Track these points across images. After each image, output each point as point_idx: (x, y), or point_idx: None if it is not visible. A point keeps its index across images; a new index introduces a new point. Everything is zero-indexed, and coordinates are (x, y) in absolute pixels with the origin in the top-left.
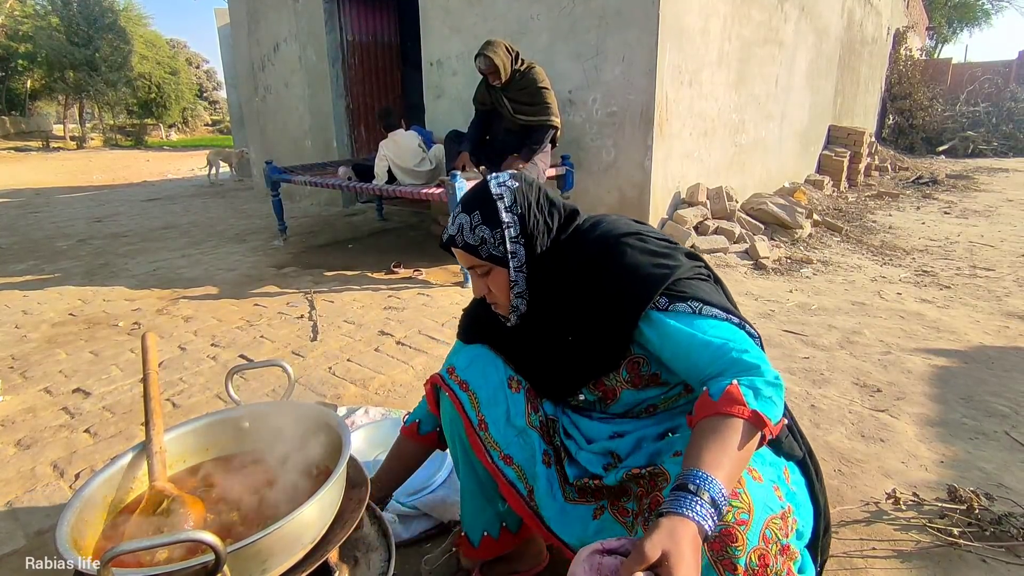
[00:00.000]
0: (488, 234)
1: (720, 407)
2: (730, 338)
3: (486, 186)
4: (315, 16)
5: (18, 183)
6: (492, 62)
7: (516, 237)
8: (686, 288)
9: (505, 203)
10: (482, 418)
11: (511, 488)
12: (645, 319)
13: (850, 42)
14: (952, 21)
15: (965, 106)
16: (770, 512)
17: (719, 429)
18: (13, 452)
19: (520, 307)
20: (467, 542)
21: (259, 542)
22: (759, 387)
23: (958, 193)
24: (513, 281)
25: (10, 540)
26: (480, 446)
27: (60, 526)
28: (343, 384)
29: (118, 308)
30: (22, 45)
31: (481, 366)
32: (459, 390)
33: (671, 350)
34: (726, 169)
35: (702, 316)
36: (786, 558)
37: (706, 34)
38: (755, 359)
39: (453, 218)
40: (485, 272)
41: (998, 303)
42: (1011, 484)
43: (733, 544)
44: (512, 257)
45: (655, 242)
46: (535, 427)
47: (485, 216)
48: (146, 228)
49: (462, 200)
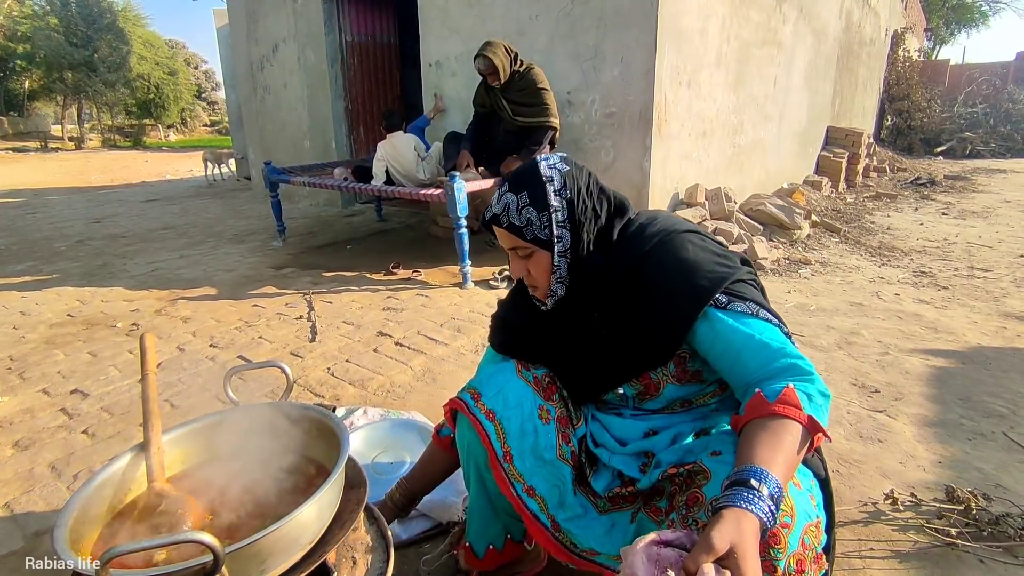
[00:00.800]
0: (535, 216)
1: (775, 408)
2: (785, 344)
3: (536, 167)
4: (314, 17)
5: (16, 184)
6: (491, 63)
7: (563, 222)
8: (744, 290)
9: (555, 186)
10: (507, 449)
11: (535, 521)
12: (703, 315)
13: (848, 43)
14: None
15: (963, 107)
16: (808, 519)
17: (774, 429)
18: (11, 453)
19: (559, 292)
20: (471, 552)
21: (257, 543)
22: (812, 393)
23: (956, 194)
24: (556, 266)
25: (8, 541)
26: (504, 478)
27: (58, 527)
28: (342, 385)
29: (116, 309)
30: (20, 45)
31: (510, 395)
32: (486, 420)
33: (723, 348)
34: (725, 170)
35: (758, 318)
36: (818, 567)
37: (704, 35)
38: (809, 367)
39: (499, 196)
40: (527, 254)
41: (996, 304)
42: (1009, 484)
43: (776, 546)
44: (558, 242)
45: (713, 243)
46: (566, 459)
47: (533, 198)
48: (144, 229)
49: (509, 179)
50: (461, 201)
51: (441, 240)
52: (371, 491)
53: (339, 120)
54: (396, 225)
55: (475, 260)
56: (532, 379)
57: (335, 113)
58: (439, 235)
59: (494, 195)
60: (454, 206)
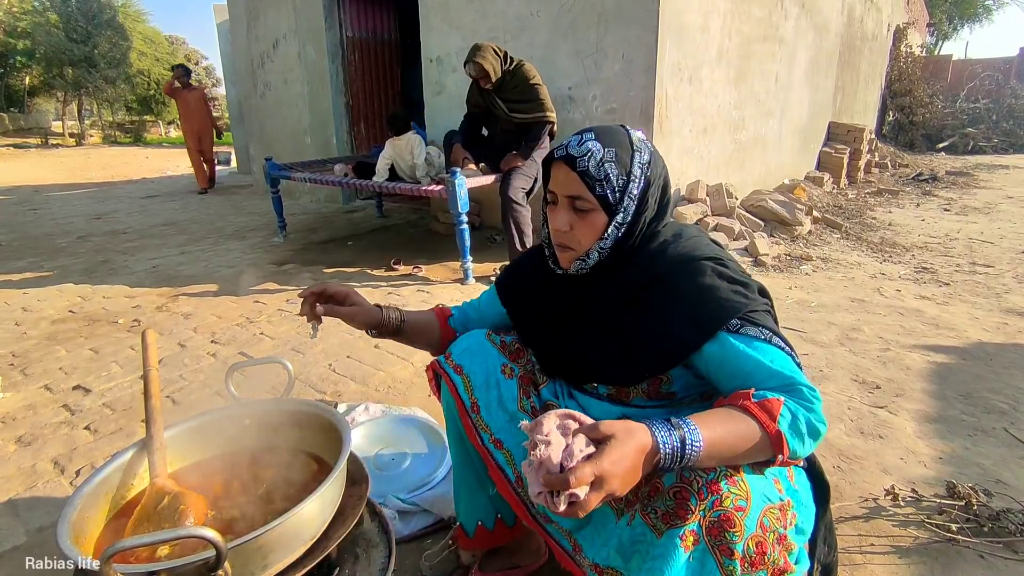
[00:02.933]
0: (615, 175)
1: (749, 405)
2: (796, 373)
3: (628, 131)
4: (314, 13)
5: (17, 180)
6: (482, 67)
7: (635, 195)
8: (758, 316)
9: (642, 158)
10: (475, 401)
11: (500, 472)
12: (714, 340)
13: (850, 39)
14: (953, 17)
15: (965, 103)
16: (768, 501)
17: (734, 416)
18: (14, 449)
19: (590, 261)
20: (463, 532)
21: (260, 538)
22: (800, 419)
23: (958, 190)
24: (606, 235)
25: (11, 536)
26: (472, 428)
27: (61, 523)
28: (343, 381)
29: (118, 305)
30: (20, 42)
31: (476, 352)
32: (454, 373)
33: (731, 371)
34: (726, 166)
35: (771, 344)
36: (783, 547)
37: (706, 31)
38: (814, 396)
39: (580, 139)
40: (586, 209)
41: (997, 300)
42: (1009, 480)
43: (731, 529)
44: (623, 212)
45: (735, 271)
46: (527, 412)
47: (619, 157)
48: (145, 225)
49: (598, 129)
50: (462, 197)
51: (442, 236)
52: (373, 487)
53: (339, 116)
54: (397, 221)
55: (476, 256)
56: (499, 343)
57: (335, 109)
58: (440, 231)
59: (570, 137)
60: (455, 202)
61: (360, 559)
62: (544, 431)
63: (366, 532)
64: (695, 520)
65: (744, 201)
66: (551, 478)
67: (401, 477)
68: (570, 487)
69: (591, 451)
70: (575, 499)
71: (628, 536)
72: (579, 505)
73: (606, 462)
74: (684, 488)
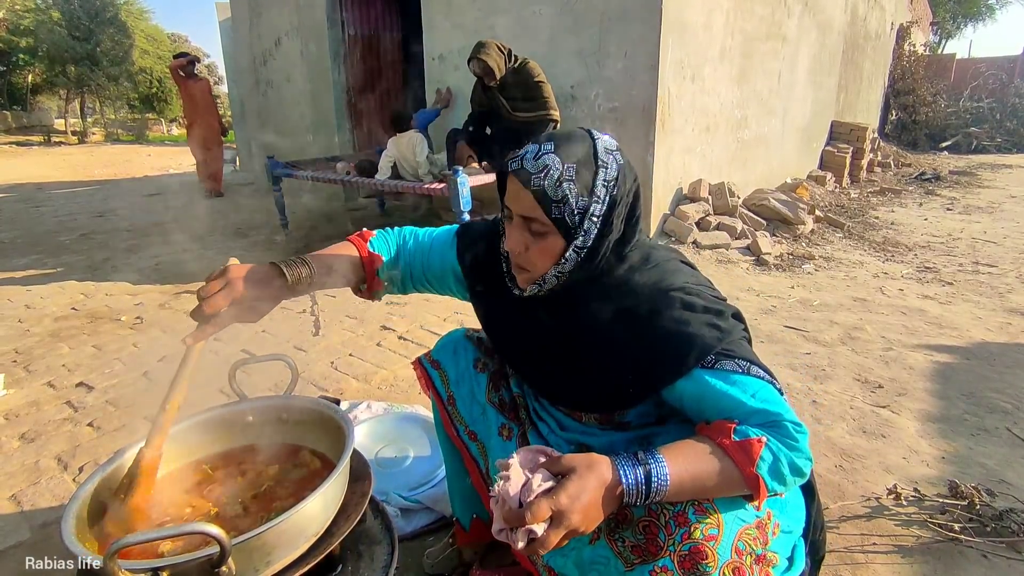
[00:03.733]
0: (574, 196)
1: (730, 448)
2: (782, 409)
3: (594, 142)
4: (317, 10)
5: (20, 177)
6: (486, 64)
7: (598, 218)
8: (735, 348)
9: (607, 175)
10: (451, 394)
11: (473, 463)
12: (687, 377)
13: (853, 37)
14: (956, 16)
15: (969, 102)
16: (742, 523)
17: (710, 458)
18: (17, 445)
19: (546, 286)
20: (459, 526)
21: (263, 535)
22: (782, 460)
23: (961, 189)
24: (564, 260)
25: (16, 532)
26: (448, 420)
27: (65, 520)
28: (345, 379)
29: (120, 302)
30: (23, 39)
31: (453, 348)
32: (431, 368)
33: (710, 409)
34: (728, 165)
35: (749, 375)
36: (762, 566)
37: (709, 29)
38: (799, 434)
39: (537, 151)
40: (540, 232)
41: (1000, 299)
42: (1012, 480)
43: (703, 561)
44: (583, 236)
45: (707, 296)
46: (494, 403)
47: (580, 174)
48: (148, 223)
49: (559, 139)
50: (464, 196)
51: None
52: (375, 484)
53: (341, 114)
54: (399, 220)
55: None
56: (476, 339)
57: (338, 107)
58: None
59: (528, 145)
60: (457, 201)
61: (363, 556)
62: (508, 465)
63: (369, 529)
64: (666, 555)
65: (746, 200)
66: (509, 514)
67: (403, 475)
68: (526, 523)
69: (549, 486)
70: (533, 535)
71: (589, 555)
72: (538, 542)
73: (563, 497)
74: (652, 522)
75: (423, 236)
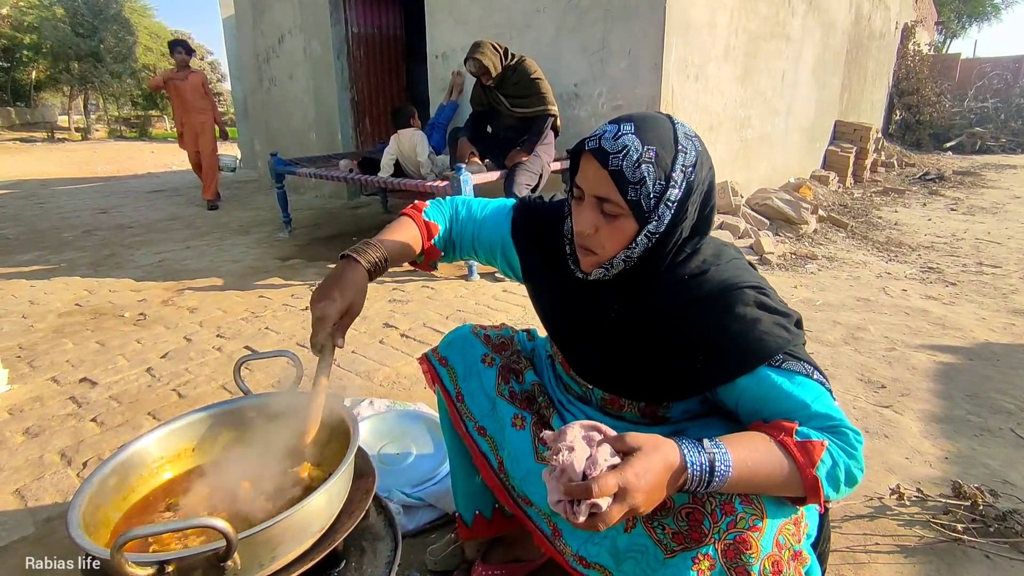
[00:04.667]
0: (652, 179)
1: (791, 447)
2: (840, 415)
3: (674, 126)
4: (320, 8)
5: (23, 174)
6: (481, 63)
7: (674, 203)
8: (800, 352)
9: (686, 160)
10: (459, 389)
11: (483, 459)
12: (751, 374)
13: (858, 37)
14: (961, 16)
15: (973, 102)
16: (783, 518)
17: (772, 453)
18: (21, 440)
19: (613, 270)
20: (462, 522)
21: (269, 529)
22: (840, 465)
23: (965, 190)
24: (634, 244)
25: (20, 527)
26: (457, 416)
27: (71, 513)
28: (348, 376)
29: (124, 299)
30: (27, 36)
31: (460, 345)
32: (439, 365)
33: (773, 406)
34: (731, 164)
35: (812, 379)
36: (798, 563)
37: (713, 28)
38: (858, 441)
39: (617, 132)
40: (614, 214)
41: (1004, 300)
42: (1016, 481)
43: (747, 551)
44: (656, 220)
45: (776, 300)
46: (504, 396)
47: (659, 158)
48: (151, 219)
49: (639, 121)
50: (467, 193)
51: None
52: (378, 481)
53: (345, 112)
54: None
55: None
56: (483, 336)
57: (341, 105)
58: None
59: (606, 124)
60: None
61: (366, 552)
62: (568, 439)
63: (372, 526)
64: (710, 543)
65: (750, 199)
66: (573, 487)
67: (406, 472)
68: (592, 496)
69: (616, 461)
70: (596, 510)
71: (625, 543)
72: (600, 517)
73: (631, 473)
74: (696, 509)
75: (476, 206)
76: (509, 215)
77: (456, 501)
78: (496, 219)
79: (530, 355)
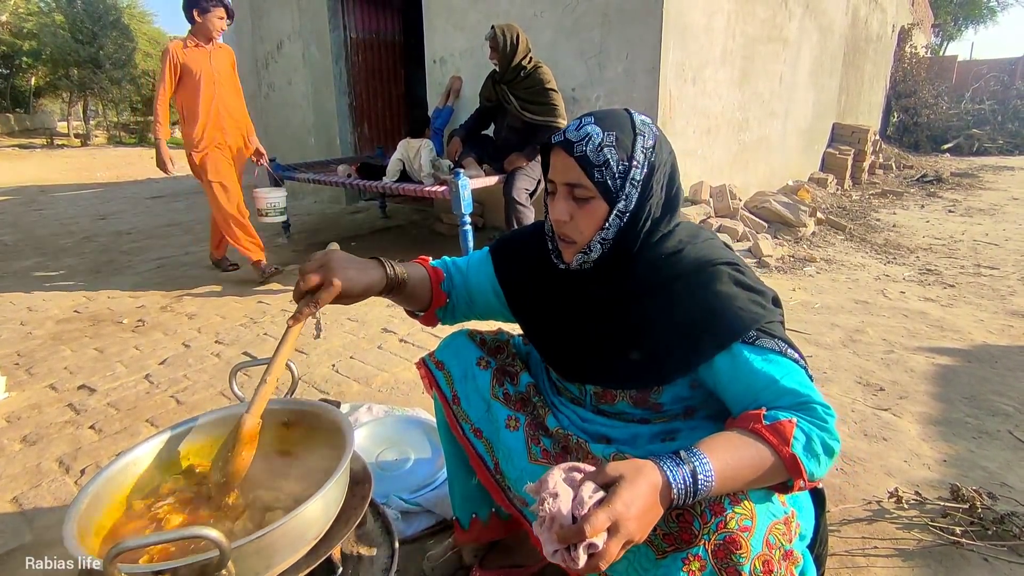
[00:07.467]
0: (614, 160)
1: (760, 428)
2: (811, 391)
3: (630, 114)
4: (319, 13)
5: (22, 180)
6: (495, 36)
7: (638, 181)
8: (774, 329)
9: (645, 143)
10: (455, 393)
11: (479, 460)
12: (726, 351)
13: (855, 39)
14: (958, 18)
15: (970, 104)
16: (773, 518)
17: (747, 445)
18: (19, 448)
19: (592, 254)
20: (458, 526)
21: (263, 538)
22: (814, 439)
23: (963, 191)
24: (607, 224)
25: (17, 535)
26: (454, 419)
27: (67, 522)
28: (346, 381)
29: (122, 305)
30: (27, 42)
31: (455, 349)
32: (435, 369)
33: (743, 387)
34: (729, 167)
35: (786, 356)
36: (789, 563)
37: (710, 31)
38: (827, 415)
39: (579, 124)
40: (584, 197)
41: (1002, 302)
42: (1014, 483)
43: (737, 551)
44: (624, 199)
45: (751, 278)
46: (498, 398)
47: (620, 141)
48: (150, 225)
49: (599, 113)
50: (465, 198)
51: (445, 237)
52: (376, 487)
53: (343, 117)
54: (400, 222)
55: None
56: (478, 340)
57: (339, 110)
58: (443, 232)
59: (572, 121)
60: (458, 203)
61: (363, 559)
62: (550, 486)
63: (369, 532)
64: (700, 544)
65: (748, 202)
66: (565, 532)
67: (404, 477)
68: (586, 537)
69: (600, 496)
70: (594, 550)
71: None
72: (599, 556)
73: (619, 504)
74: (687, 510)
75: (461, 260)
76: (487, 256)
77: (453, 504)
78: (479, 257)
79: (525, 358)
